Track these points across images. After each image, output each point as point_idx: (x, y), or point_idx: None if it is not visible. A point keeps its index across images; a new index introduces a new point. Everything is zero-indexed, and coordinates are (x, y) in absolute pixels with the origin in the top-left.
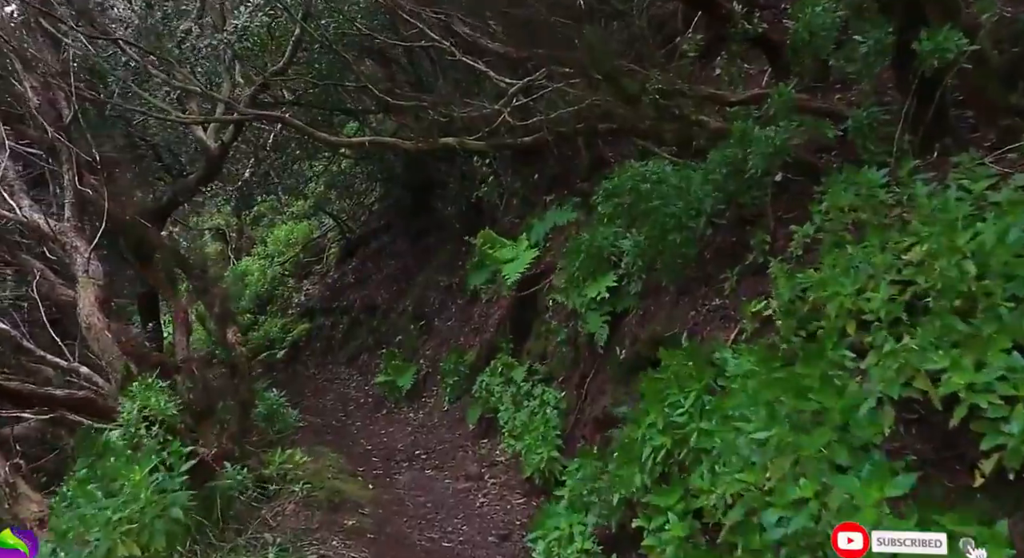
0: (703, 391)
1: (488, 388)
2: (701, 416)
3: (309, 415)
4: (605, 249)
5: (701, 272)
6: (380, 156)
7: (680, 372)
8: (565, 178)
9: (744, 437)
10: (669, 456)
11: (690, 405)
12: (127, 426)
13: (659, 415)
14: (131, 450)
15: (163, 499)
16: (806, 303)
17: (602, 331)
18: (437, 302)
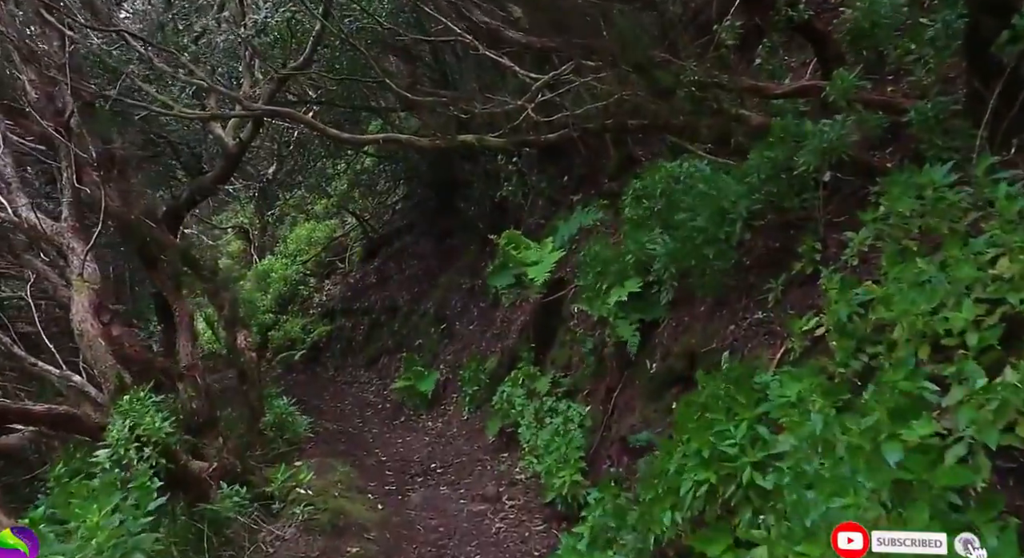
0: (755, 421)
1: (509, 399)
2: (753, 448)
3: (326, 420)
4: (633, 254)
5: (741, 281)
6: (403, 155)
7: (724, 398)
8: (593, 178)
9: (802, 490)
10: (713, 493)
11: (741, 436)
12: (116, 446)
13: (704, 444)
14: (119, 471)
15: (124, 543)
16: (866, 322)
17: (633, 339)
18: (459, 305)
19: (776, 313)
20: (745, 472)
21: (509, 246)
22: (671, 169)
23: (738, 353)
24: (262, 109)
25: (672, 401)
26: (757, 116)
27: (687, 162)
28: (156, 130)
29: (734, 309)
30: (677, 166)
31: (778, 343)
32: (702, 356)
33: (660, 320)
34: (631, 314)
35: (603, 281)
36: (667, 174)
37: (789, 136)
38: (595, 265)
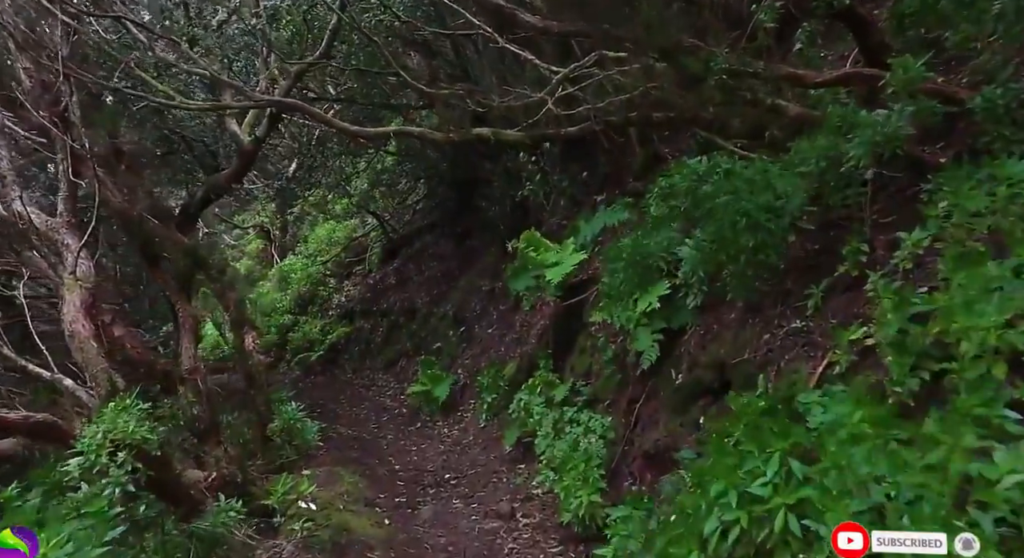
0: (790, 452)
1: (527, 408)
2: (787, 486)
3: (340, 425)
4: (657, 256)
5: (776, 286)
6: (424, 153)
7: (758, 424)
8: (617, 177)
9: None
10: (744, 536)
11: (774, 473)
12: (88, 454)
13: (733, 481)
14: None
15: None
16: (925, 334)
17: (651, 351)
18: (478, 307)
19: (816, 322)
20: (778, 519)
21: (528, 248)
22: (696, 166)
23: (773, 365)
24: (268, 100)
25: (699, 414)
26: (795, 107)
27: (717, 158)
28: (171, 126)
29: (768, 316)
30: (703, 162)
31: (819, 356)
32: (733, 367)
33: (686, 327)
34: (654, 321)
35: (627, 285)
36: (693, 171)
37: (843, 127)
38: (618, 268)
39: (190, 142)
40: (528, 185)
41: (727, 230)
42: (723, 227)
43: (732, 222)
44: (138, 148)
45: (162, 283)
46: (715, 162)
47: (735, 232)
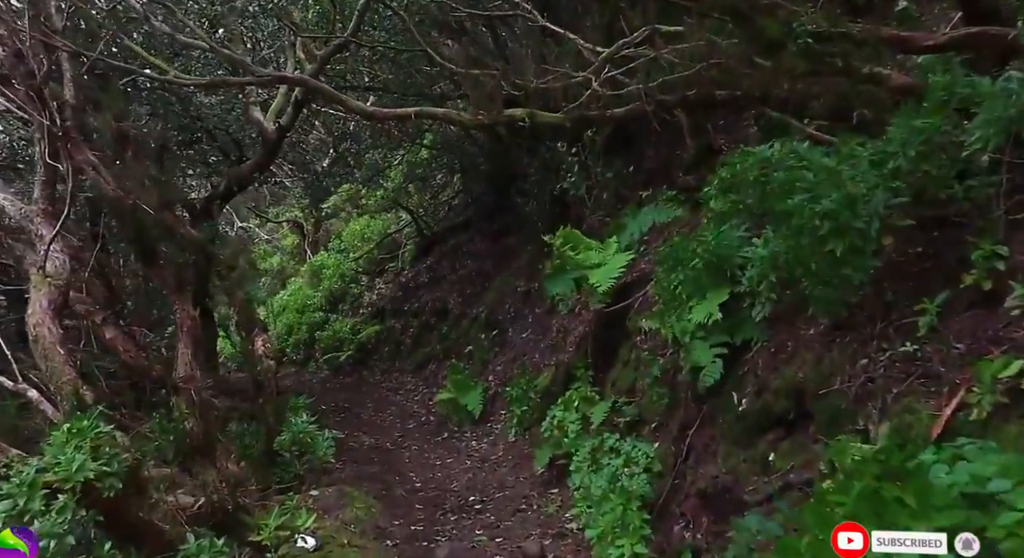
0: None
1: (561, 425)
2: None
3: (363, 432)
4: (719, 258)
5: (872, 298)
6: (460, 147)
7: (877, 494)
8: (665, 170)
9: None
10: None
11: None
12: (17, 498)
13: None
14: None
15: None
16: None
17: (713, 369)
18: (513, 310)
19: (933, 346)
20: None
21: (566, 246)
22: (764, 153)
23: (875, 400)
24: (272, 76)
25: (768, 450)
26: (899, 76)
27: (789, 144)
28: (193, 115)
29: (862, 336)
30: (773, 149)
31: (945, 393)
32: (816, 397)
33: (752, 342)
34: (713, 334)
35: (682, 291)
36: (761, 160)
37: (950, 100)
38: (672, 270)
39: (213, 131)
40: (568, 177)
41: (807, 229)
42: (802, 225)
43: (814, 220)
44: (151, 135)
45: (159, 280)
46: (788, 148)
47: (817, 231)
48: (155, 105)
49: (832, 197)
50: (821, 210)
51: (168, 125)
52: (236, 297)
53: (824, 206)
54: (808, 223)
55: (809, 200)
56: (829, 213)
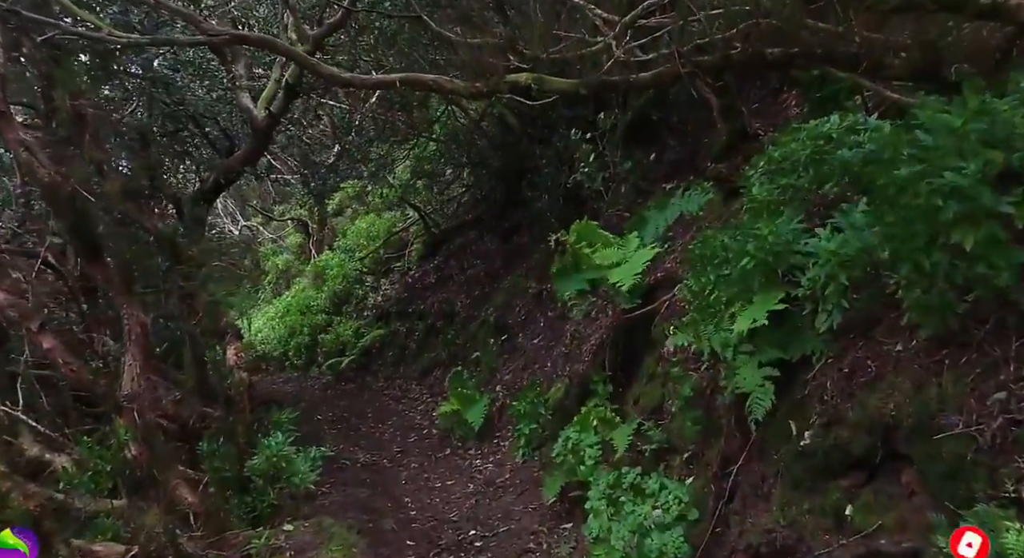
0: None
1: (575, 449)
2: None
3: (359, 447)
4: (769, 253)
5: (1000, 308)
6: (470, 140)
7: None
8: (690, 160)
9: None
10: None
11: None
12: None
13: None
14: None
15: None
16: None
17: (763, 394)
18: (523, 313)
19: None
20: None
21: (581, 242)
22: (822, 127)
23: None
24: (228, 34)
25: (844, 500)
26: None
27: (851, 115)
28: (177, 99)
29: (990, 356)
30: (833, 121)
31: None
32: (918, 437)
33: (815, 357)
34: (762, 348)
35: (721, 294)
36: (818, 135)
37: None
38: (707, 269)
39: (198, 119)
40: (582, 168)
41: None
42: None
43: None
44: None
45: (103, 279)
46: (854, 120)
47: (935, 216)
48: (133, 89)
49: (961, 168)
50: (942, 186)
51: (152, 112)
52: (200, 299)
53: (947, 181)
54: (923, 203)
55: (916, 175)
56: (954, 192)
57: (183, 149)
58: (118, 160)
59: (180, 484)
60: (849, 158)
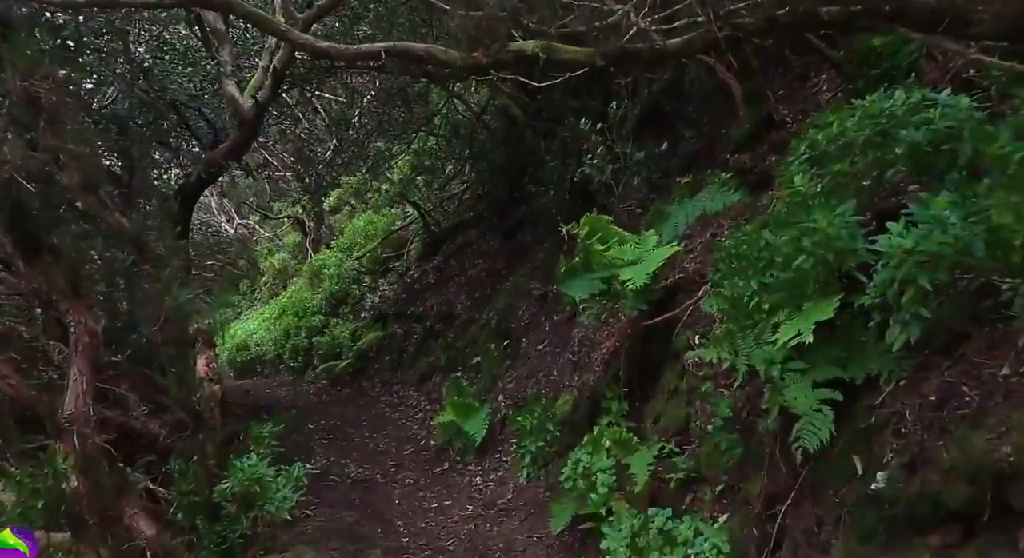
0: None
1: (587, 474)
2: None
3: (352, 459)
4: (824, 251)
5: None
6: (471, 134)
7: None
8: (708, 151)
9: None
10: None
11: None
12: None
13: None
14: None
15: None
16: None
17: (820, 422)
18: (527, 316)
19: None
20: None
21: (592, 239)
22: (876, 105)
23: None
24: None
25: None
26: None
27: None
28: (156, 86)
29: None
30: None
31: None
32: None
33: (883, 378)
34: (816, 366)
35: (760, 300)
36: (876, 113)
37: None
38: (742, 271)
39: (179, 107)
40: (589, 160)
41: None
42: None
43: None
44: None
45: (45, 281)
46: (920, 96)
47: None
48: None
49: None
50: None
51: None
52: (164, 304)
53: None
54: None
55: None
56: None
57: (163, 140)
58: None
59: (137, 515)
60: (919, 139)
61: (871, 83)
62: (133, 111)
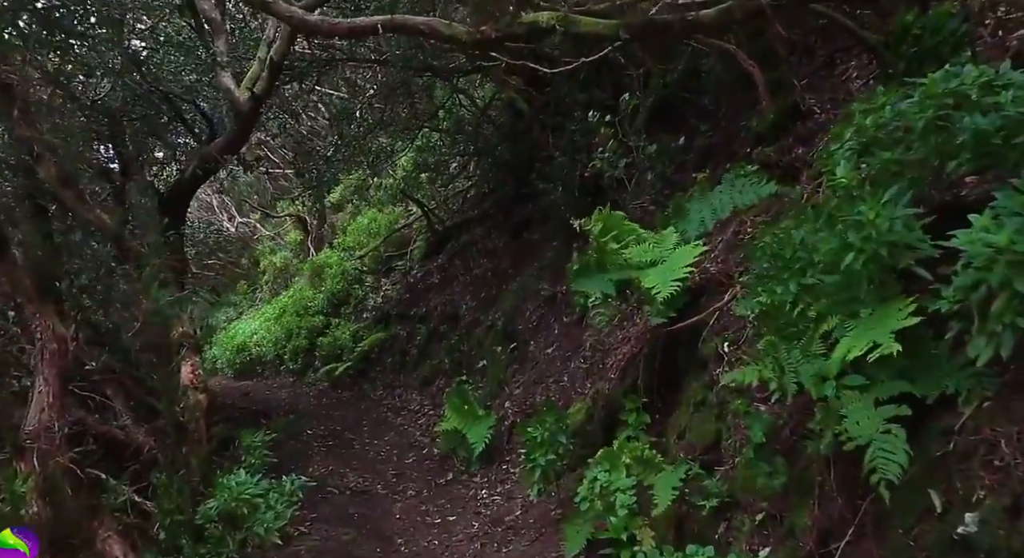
0: None
1: (604, 493)
2: None
3: (351, 468)
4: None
5: None
6: (477, 130)
7: None
8: (725, 145)
9: None
10: None
11: None
12: None
13: None
14: None
15: None
16: None
17: (890, 444)
18: (535, 318)
19: None
20: None
21: (606, 236)
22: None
23: None
24: None
25: None
26: None
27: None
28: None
29: None
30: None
31: None
32: None
33: (962, 398)
34: (880, 381)
35: (803, 306)
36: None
37: None
38: (780, 274)
39: (173, 99)
40: (601, 153)
41: None
42: None
43: None
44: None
45: (8, 282)
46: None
47: None
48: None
49: None
50: None
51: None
52: (141, 307)
53: None
54: None
55: None
56: None
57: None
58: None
59: (111, 539)
60: (985, 126)
61: (914, 64)
62: (126, 104)
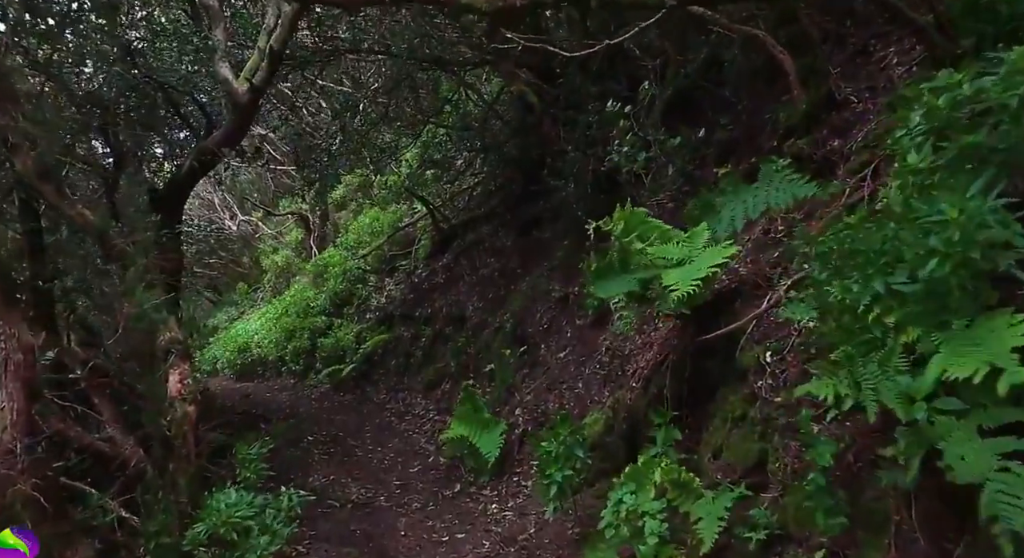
0: None
1: (630, 518)
2: None
3: (353, 477)
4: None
5: None
6: (484, 125)
7: None
8: (748, 138)
9: None
10: None
11: None
12: None
13: None
14: None
15: None
16: None
17: (1017, 486)
18: (546, 320)
19: None
20: None
21: (629, 235)
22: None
23: None
24: None
25: None
26: None
27: None
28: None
29: None
30: None
31: None
32: None
33: None
34: (981, 407)
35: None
36: None
37: None
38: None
39: (167, 91)
40: (617, 146)
41: None
42: None
43: None
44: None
45: None
46: None
47: None
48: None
49: None
50: None
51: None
52: (123, 309)
53: None
54: None
55: None
56: None
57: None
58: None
59: None
60: None
61: (985, 42)
62: (120, 95)
